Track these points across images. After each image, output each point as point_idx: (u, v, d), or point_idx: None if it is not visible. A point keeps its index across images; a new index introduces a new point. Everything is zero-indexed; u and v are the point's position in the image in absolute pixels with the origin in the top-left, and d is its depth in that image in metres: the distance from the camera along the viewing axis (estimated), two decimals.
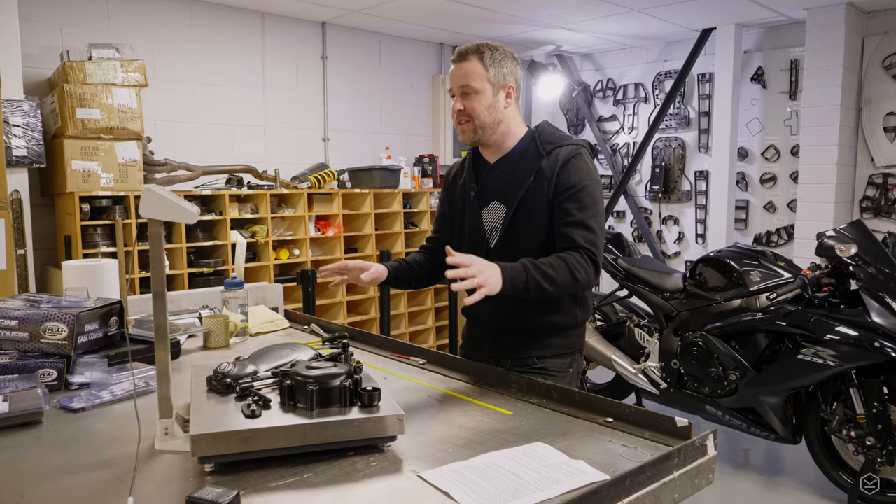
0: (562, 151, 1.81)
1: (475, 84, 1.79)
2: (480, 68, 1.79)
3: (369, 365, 1.84)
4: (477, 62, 1.79)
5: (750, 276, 3.34)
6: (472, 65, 1.80)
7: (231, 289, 2.22)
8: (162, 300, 1.27)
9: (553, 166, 1.80)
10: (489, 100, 1.81)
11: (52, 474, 1.19)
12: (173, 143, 4.56)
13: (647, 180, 6.42)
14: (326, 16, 5.22)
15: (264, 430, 1.18)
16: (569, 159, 1.80)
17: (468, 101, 1.81)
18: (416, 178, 5.51)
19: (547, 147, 1.83)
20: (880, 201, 5.19)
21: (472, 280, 1.56)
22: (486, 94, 1.80)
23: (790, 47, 5.53)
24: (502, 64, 1.82)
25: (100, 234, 3.87)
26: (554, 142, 1.85)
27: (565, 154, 1.81)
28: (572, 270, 1.71)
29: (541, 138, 1.86)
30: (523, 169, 1.84)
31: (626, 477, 1.09)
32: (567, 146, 1.83)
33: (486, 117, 1.82)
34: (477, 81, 1.79)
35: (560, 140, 1.85)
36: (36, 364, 1.65)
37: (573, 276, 1.71)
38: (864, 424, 2.96)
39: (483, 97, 1.80)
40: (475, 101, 1.80)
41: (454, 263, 1.58)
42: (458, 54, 1.83)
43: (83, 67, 3.78)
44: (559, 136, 1.87)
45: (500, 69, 1.81)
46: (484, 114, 1.81)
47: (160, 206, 1.25)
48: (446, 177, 2.08)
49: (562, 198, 1.78)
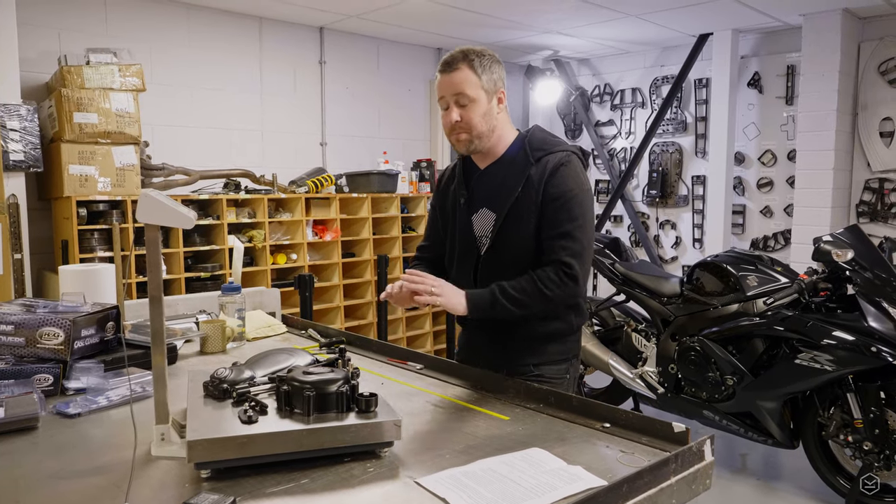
0: (551, 159, 1.79)
1: (470, 92, 1.75)
2: (473, 76, 1.75)
3: (366, 370, 1.84)
4: (468, 70, 1.75)
5: (747, 280, 3.35)
6: (464, 73, 1.75)
7: (228, 293, 2.22)
8: (159, 305, 1.27)
9: (542, 174, 1.77)
10: (484, 108, 1.78)
11: (47, 480, 1.18)
12: (171, 147, 4.55)
13: (645, 185, 6.43)
14: (324, 21, 5.23)
15: (261, 436, 1.17)
16: (557, 168, 1.77)
17: (464, 111, 1.76)
18: (413, 182, 5.51)
19: (536, 154, 1.81)
20: (876, 206, 5.21)
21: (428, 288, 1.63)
22: (482, 102, 1.77)
23: (786, 52, 5.55)
24: (492, 69, 1.79)
25: (97, 238, 3.87)
26: (544, 148, 1.82)
27: (554, 162, 1.78)
28: (542, 290, 1.72)
29: (531, 144, 1.83)
30: (513, 176, 1.81)
31: (623, 482, 1.09)
32: (557, 153, 1.80)
33: (482, 126, 1.79)
34: (471, 90, 1.75)
35: (550, 146, 1.82)
36: (32, 369, 1.64)
37: (544, 295, 1.73)
38: (861, 429, 2.96)
39: (479, 105, 1.77)
40: (471, 110, 1.76)
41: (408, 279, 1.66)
42: (445, 64, 1.78)
43: (81, 72, 3.78)
44: (550, 142, 1.84)
45: (492, 75, 1.78)
46: (481, 123, 1.78)
47: (157, 210, 1.24)
48: (438, 182, 2.06)
49: (550, 207, 1.76)
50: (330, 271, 4.95)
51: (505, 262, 1.82)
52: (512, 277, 1.82)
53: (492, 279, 1.83)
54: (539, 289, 1.73)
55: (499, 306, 1.71)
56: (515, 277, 1.81)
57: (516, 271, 1.80)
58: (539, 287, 1.73)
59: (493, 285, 1.74)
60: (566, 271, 1.74)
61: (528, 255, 1.80)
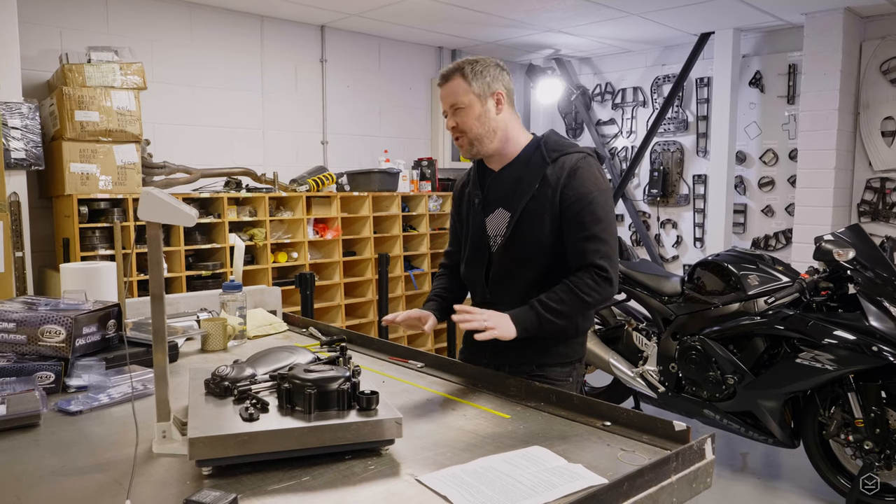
0: (567, 160, 1.81)
1: (462, 99, 1.82)
2: (463, 84, 1.82)
3: (367, 368, 1.84)
4: (459, 79, 1.82)
5: (748, 280, 3.35)
6: (456, 83, 1.83)
7: (229, 292, 2.22)
8: (160, 303, 1.27)
9: (559, 175, 1.79)
10: (478, 111, 1.83)
11: (49, 477, 1.19)
12: (172, 145, 4.56)
13: (646, 184, 6.43)
14: (325, 19, 5.23)
15: (262, 434, 1.18)
16: (575, 169, 1.79)
17: (458, 118, 1.84)
18: (414, 181, 5.51)
19: (552, 154, 1.83)
20: (878, 205, 5.20)
21: (481, 323, 1.63)
22: (474, 106, 1.82)
23: (788, 52, 5.54)
24: (484, 74, 1.83)
25: (98, 236, 3.87)
26: (559, 149, 1.84)
27: (571, 163, 1.80)
28: (581, 296, 1.75)
29: (546, 146, 1.86)
30: (528, 176, 1.83)
31: (624, 481, 1.09)
32: (573, 154, 1.83)
33: (478, 128, 1.84)
34: (462, 97, 1.82)
35: (566, 147, 1.85)
36: (33, 367, 1.64)
37: (584, 301, 1.76)
38: (861, 429, 2.96)
39: (471, 110, 1.82)
40: (464, 115, 1.83)
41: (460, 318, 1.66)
42: (441, 77, 1.87)
43: (82, 70, 3.78)
44: (565, 144, 1.87)
45: (483, 79, 1.83)
46: (475, 126, 1.83)
47: (159, 208, 1.25)
48: (455, 189, 2.12)
49: (572, 210, 1.78)
50: (331, 270, 4.95)
51: (517, 260, 1.84)
52: (523, 276, 1.84)
53: (503, 276, 1.86)
54: (578, 296, 1.75)
55: (545, 322, 1.74)
56: (526, 276, 1.83)
57: (528, 269, 1.83)
58: (578, 294, 1.75)
59: (532, 301, 1.76)
60: (601, 274, 1.76)
61: (541, 253, 1.81)
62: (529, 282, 1.83)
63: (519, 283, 1.85)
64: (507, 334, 1.68)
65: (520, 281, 1.85)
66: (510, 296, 1.84)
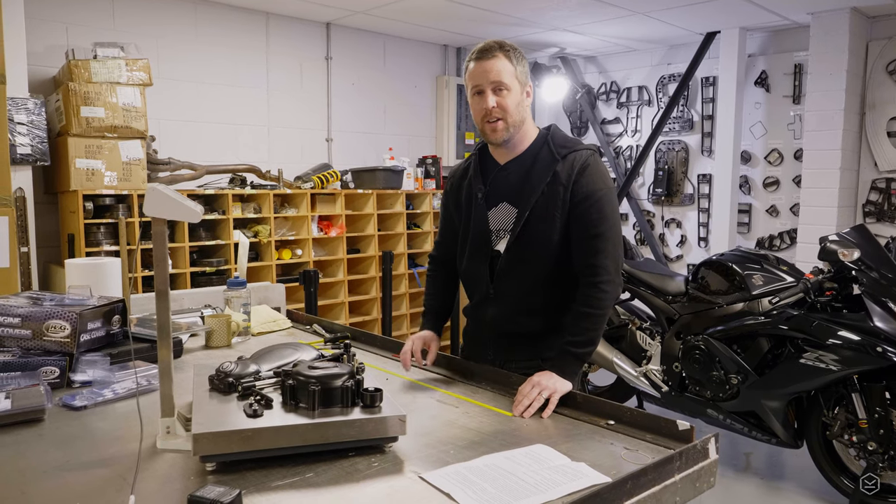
0: (577, 156, 1.79)
1: (507, 80, 1.75)
2: (509, 65, 1.76)
3: (371, 365, 1.84)
4: (504, 59, 1.76)
5: (752, 279, 3.34)
6: (501, 62, 1.75)
7: (234, 288, 2.22)
8: (165, 299, 1.27)
9: (569, 172, 1.77)
10: (518, 97, 1.79)
11: (53, 472, 1.19)
12: (177, 142, 4.56)
13: (650, 183, 6.42)
14: (331, 16, 5.23)
15: (266, 430, 1.18)
16: (585, 166, 1.78)
17: (501, 98, 1.76)
18: (419, 179, 5.51)
19: (562, 151, 1.81)
20: (883, 206, 5.18)
21: (541, 401, 1.55)
22: (516, 91, 1.78)
23: (794, 51, 5.52)
24: (523, 62, 1.81)
25: (103, 232, 3.88)
26: (567, 146, 1.82)
27: (581, 159, 1.79)
28: (597, 313, 1.74)
29: (554, 141, 1.84)
30: (538, 172, 1.81)
31: (627, 479, 1.09)
32: (580, 151, 1.81)
33: (516, 115, 1.79)
34: (508, 78, 1.76)
35: (573, 144, 1.84)
36: (38, 362, 1.65)
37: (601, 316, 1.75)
38: (865, 429, 2.95)
39: (514, 94, 1.77)
40: (507, 97, 1.76)
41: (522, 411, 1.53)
42: (481, 51, 1.78)
43: (88, 66, 3.79)
44: (571, 140, 1.86)
45: (524, 67, 1.81)
46: (515, 111, 1.78)
47: (164, 204, 1.25)
48: (448, 180, 2.05)
49: (580, 207, 1.76)
50: (335, 267, 4.96)
51: (526, 257, 1.81)
52: (531, 273, 1.81)
53: (510, 274, 1.83)
54: (595, 315, 1.74)
55: (584, 356, 1.72)
56: (534, 272, 1.81)
57: (536, 266, 1.80)
58: (594, 314, 1.74)
59: (562, 348, 1.72)
60: (607, 277, 1.74)
61: (550, 251, 1.79)
62: (536, 278, 1.82)
63: (526, 279, 1.83)
64: (565, 389, 1.59)
65: (527, 277, 1.82)
66: (515, 291, 1.83)
